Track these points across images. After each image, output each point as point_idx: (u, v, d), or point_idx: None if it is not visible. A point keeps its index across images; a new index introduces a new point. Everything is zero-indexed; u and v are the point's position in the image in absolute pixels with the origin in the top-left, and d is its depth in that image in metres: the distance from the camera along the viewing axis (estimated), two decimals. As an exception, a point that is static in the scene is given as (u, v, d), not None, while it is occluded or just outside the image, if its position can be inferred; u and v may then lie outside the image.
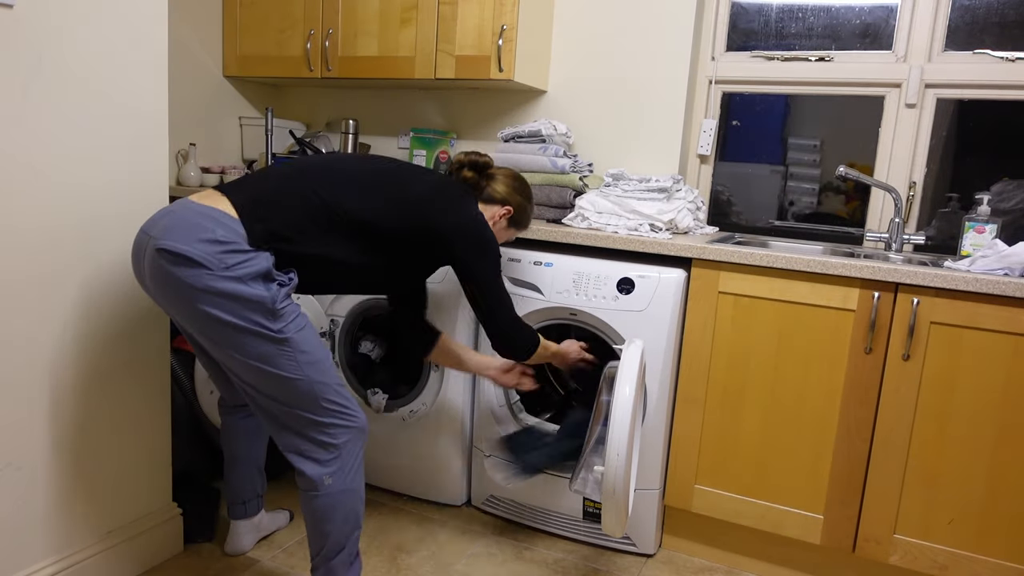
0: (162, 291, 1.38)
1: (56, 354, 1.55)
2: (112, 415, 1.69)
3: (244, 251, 1.35)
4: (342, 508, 1.50)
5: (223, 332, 1.36)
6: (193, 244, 1.32)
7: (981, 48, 2.17)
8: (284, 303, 1.39)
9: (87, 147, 1.56)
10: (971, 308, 1.65)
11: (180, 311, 1.38)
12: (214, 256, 1.32)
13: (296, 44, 2.74)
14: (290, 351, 1.40)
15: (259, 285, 1.35)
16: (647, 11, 2.46)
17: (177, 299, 1.36)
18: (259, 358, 1.38)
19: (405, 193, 1.53)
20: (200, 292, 1.32)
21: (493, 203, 1.71)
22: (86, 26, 1.52)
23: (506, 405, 2.13)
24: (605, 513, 1.57)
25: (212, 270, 1.31)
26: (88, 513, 1.66)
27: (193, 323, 1.38)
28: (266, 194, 1.44)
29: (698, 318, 1.93)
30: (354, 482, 1.51)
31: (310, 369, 1.42)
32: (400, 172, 1.58)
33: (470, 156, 1.72)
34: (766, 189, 2.51)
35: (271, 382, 1.42)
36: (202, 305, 1.33)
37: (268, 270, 1.37)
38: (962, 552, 1.73)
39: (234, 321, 1.34)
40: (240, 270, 1.33)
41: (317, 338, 1.47)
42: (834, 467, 1.83)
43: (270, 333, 1.37)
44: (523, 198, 1.76)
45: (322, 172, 1.50)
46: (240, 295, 1.33)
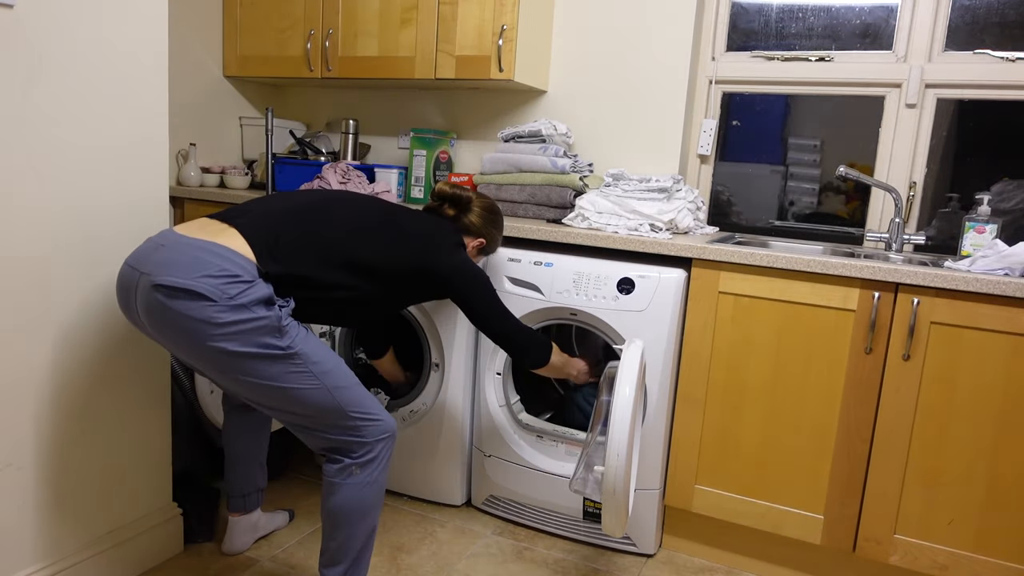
0: (160, 327, 1.36)
1: (56, 354, 1.55)
2: (112, 415, 1.69)
3: (246, 281, 1.36)
4: (365, 502, 1.51)
5: (232, 362, 1.36)
6: (194, 279, 1.32)
7: (981, 48, 2.17)
8: (287, 320, 1.40)
9: (87, 147, 1.56)
10: (971, 308, 1.65)
11: (182, 346, 1.37)
12: (217, 288, 1.32)
13: (296, 44, 2.74)
14: (302, 364, 1.41)
15: (261, 308, 1.36)
16: (647, 11, 2.46)
17: (178, 335, 1.35)
18: (272, 378, 1.39)
19: (405, 238, 1.61)
20: (205, 325, 1.32)
21: (468, 234, 1.80)
22: (86, 26, 1.52)
23: (506, 405, 2.13)
24: (605, 513, 1.57)
25: (216, 302, 1.31)
26: (88, 513, 1.67)
27: (198, 358, 1.37)
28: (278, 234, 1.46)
29: (698, 318, 1.93)
30: (380, 479, 1.53)
31: (326, 379, 1.43)
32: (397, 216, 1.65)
33: (454, 191, 1.79)
34: (766, 189, 2.51)
35: (288, 399, 1.42)
36: (208, 340, 1.33)
37: (269, 296, 1.38)
38: (962, 552, 1.73)
39: (243, 350, 1.35)
40: (243, 298, 1.34)
41: (326, 348, 1.47)
42: (834, 467, 1.83)
43: (279, 351, 1.38)
44: (495, 230, 1.86)
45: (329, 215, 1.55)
46: (247, 321, 1.34)
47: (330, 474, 1.51)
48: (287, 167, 2.78)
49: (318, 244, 1.49)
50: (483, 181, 2.49)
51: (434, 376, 2.16)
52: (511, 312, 1.71)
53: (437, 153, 2.72)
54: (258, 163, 2.97)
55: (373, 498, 1.53)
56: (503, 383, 2.12)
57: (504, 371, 2.11)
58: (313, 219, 1.53)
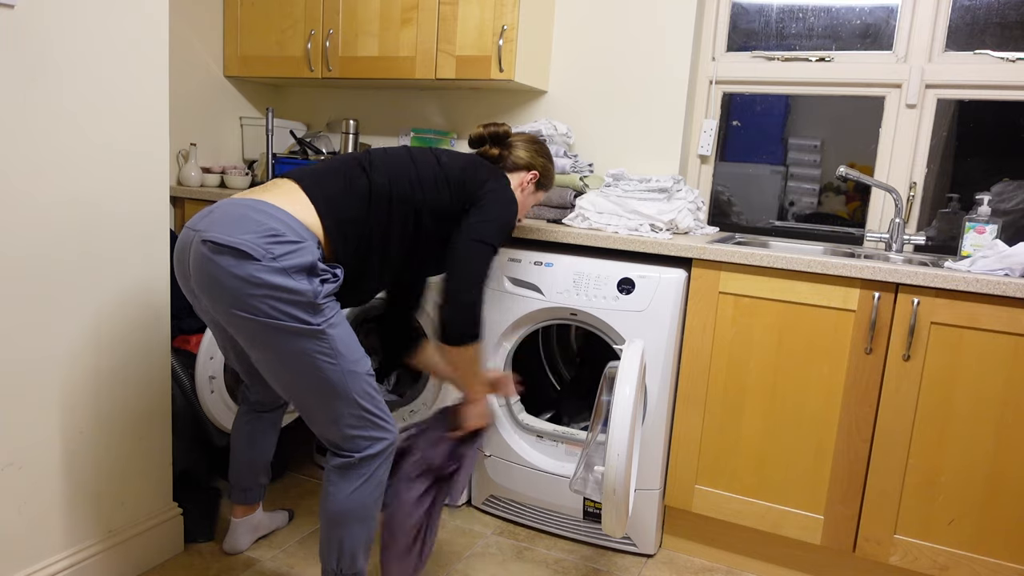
0: (206, 284, 1.36)
1: (56, 354, 1.55)
2: (112, 415, 1.69)
3: (291, 241, 1.35)
4: (362, 507, 1.50)
5: (261, 328, 1.35)
6: (239, 235, 1.32)
7: (981, 48, 2.17)
8: (325, 299, 1.39)
9: (88, 147, 1.56)
10: (971, 308, 1.65)
11: (221, 305, 1.36)
12: (261, 246, 1.32)
13: (297, 44, 2.74)
14: (327, 345, 1.39)
15: (303, 278, 1.35)
16: (647, 11, 2.46)
17: (221, 291, 1.34)
18: (295, 354, 1.38)
19: (447, 174, 1.60)
20: (245, 284, 1.32)
21: (518, 170, 1.77)
22: (87, 26, 1.52)
23: (506, 405, 2.13)
24: (605, 513, 1.57)
25: (259, 260, 1.31)
26: (88, 513, 1.67)
27: (232, 318, 1.37)
28: (337, 190, 1.48)
29: (698, 318, 1.93)
30: (371, 496, 1.50)
31: (347, 368, 1.42)
32: (441, 157, 1.65)
33: (488, 129, 1.77)
34: (766, 189, 2.51)
35: (306, 380, 1.41)
36: (247, 299, 1.32)
37: (313, 264, 1.36)
38: (962, 552, 1.73)
39: (274, 318, 1.34)
40: (286, 261, 1.33)
41: (355, 341, 1.45)
42: (834, 467, 1.83)
43: (309, 327, 1.36)
44: (545, 159, 1.83)
45: (381, 165, 1.56)
46: (284, 287, 1.33)
47: (329, 475, 1.50)
48: (287, 167, 2.78)
49: (363, 187, 1.51)
50: (483, 181, 2.48)
51: (434, 376, 2.16)
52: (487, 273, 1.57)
53: (437, 153, 2.72)
54: (258, 163, 2.97)
55: (368, 510, 1.51)
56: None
57: (504, 371, 2.11)
58: (362, 168, 1.54)
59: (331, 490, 1.49)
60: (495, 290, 2.08)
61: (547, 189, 1.89)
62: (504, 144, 1.78)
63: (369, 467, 1.48)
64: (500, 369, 2.10)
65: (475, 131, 1.79)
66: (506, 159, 1.77)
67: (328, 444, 1.50)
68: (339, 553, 1.52)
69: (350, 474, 1.48)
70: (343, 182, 1.50)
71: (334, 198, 1.47)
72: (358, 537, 1.52)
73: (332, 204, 1.46)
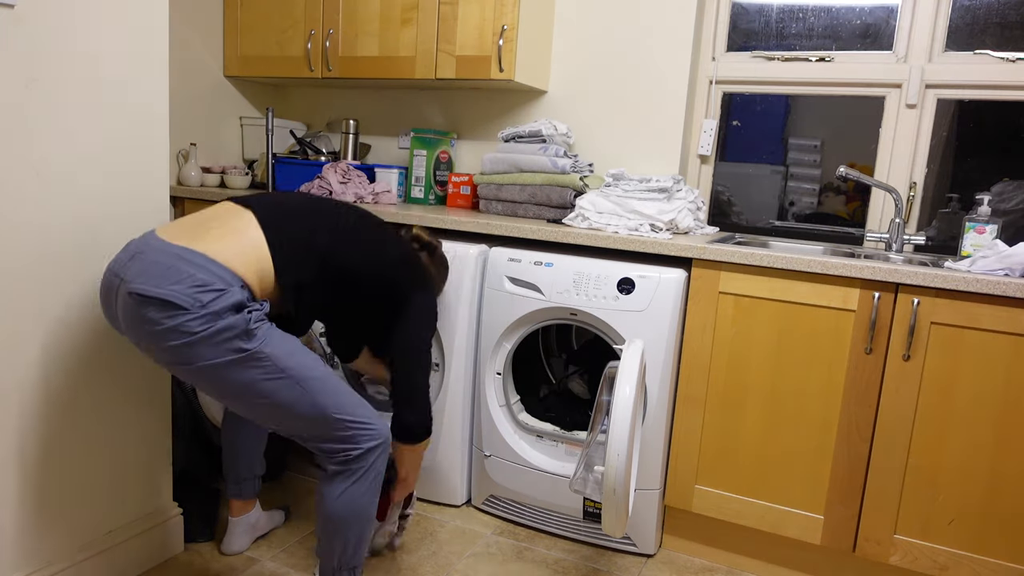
0: (137, 334, 1.36)
1: (57, 354, 1.55)
2: (112, 415, 1.69)
3: (217, 289, 1.33)
4: (357, 511, 1.50)
5: (207, 371, 1.34)
6: (167, 287, 1.30)
7: (982, 48, 2.17)
8: (257, 324, 1.37)
9: (88, 147, 1.56)
10: (971, 308, 1.65)
11: (159, 354, 1.36)
12: (189, 297, 1.30)
13: (297, 44, 2.74)
14: (271, 367, 1.37)
15: (231, 315, 1.33)
16: (647, 11, 2.46)
17: (153, 342, 1.34)
18: (247, 386, 1.37)
19: (383, 253, 1.64)
20: (177, 334, 1.31)
21: None
22: (87, 26, 1.52)
23: (506, 405, 2.13)
24: (605, 513, 1.57)
25: (188, 310, 1.30)
26: (88, 513, 1.67)
27: (175, 366, 1.36)
28: (288, 238, 1.49)
29: (698, 318, 1.93)
30: (373, 487, 1.51)
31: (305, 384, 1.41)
32: (382, 232, 1.68)
33: (429, 240, 1.90)
34: (766, 189, 2.51)
35: (267, 407, 1.40)
36: (182, 349, 1.32)
37: (240, 302, 1.35)
38: (962, 552, 1.73)
39: (216, 359, 1.33)
40: (215, 305, 1.31)
41: (304, 353, 1.44)
42: (834, 467, 1.83)
43: (246, 354, 1.34)
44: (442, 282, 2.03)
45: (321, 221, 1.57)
46: (216, 327, 1.31)
47: (323, 480, 1.51)
48: (287, 167, 2.78)
49: (308, 245, 1.52)
50: (483, 181, 2.49)
51: (434, 377, 2.16)
52: (428, 376, 1.71)
53: (437, 153, 2.72)
54: (258, 163, 2.97)
55: (366, 507, 1.51)
56: (503, 383, 2.12)
57: (504, 371, 2.11)
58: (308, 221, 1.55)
59: (327, 490, 1.49)
60: (495, 290, 2.08)
61: None
62: (432, 253, 1.92)
63: (364, 462, 1.49)
64: (500, 369, 2.11)
65: (416, 231, 1.89)
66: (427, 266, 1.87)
67: (321, 453, 1.50)
68: (339, 551, 1.52)
69: (346, 472, 1.49)
70: (308, 240, 1.51)
71: (292, 258, 1.47)
72: (356, 534, 1.52)
73: (288, 263, 1.46)
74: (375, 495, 1.53)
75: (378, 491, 1.54)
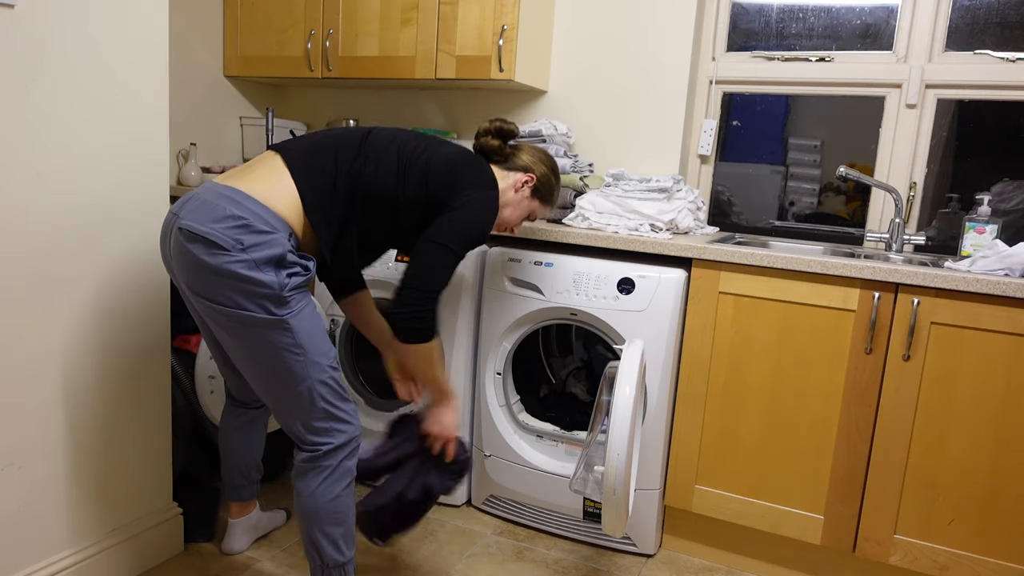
0: (182, 269, 1.40)
1: (56, 354, 1.55)
2: (112, 415, 1.69)
3: (261, 231, 1.36)
4: (328, 514, 1.49)
5: (229, 317, 1.38)
6: (210, 224, 1.34)
7: (982, 48, 2.17)
8: (292, 292, 1.39)
9: (88, 147, 1.56)
10: (971, 308, 1.65)
11: (193, 291, 1.40)
12: (231, 236, 1.34)
13: (297, 44, 2.74)
14: (291, 339, 1.39)
15: (270, 270, 1.36)
16: (648, 11, 2.46)
17: (192, 280, 1.38)
18: (262, 346, 1.39)
19: (432, 171, 1.55)
20: (212, 273, 1.34)
21: (515, 170, 1.71)
22: (87, 26, 1.52)
23: (506, 405, 2.13)
24: (605, 513, 1.57)
25: (228, 251, 1.33)
26: (88, 513, 1.67)
27: (203, 306, 1.40)
28: (324, 181, 1.47)
29: (698, 318, 1.93)
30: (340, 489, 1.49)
31: (311, 360, 1.42)
32: (432, 151, 1.59)
33: (495, 123, 1.71)
34: (766, 189, 2.51)
35: (270, 371, 1.42)
36: (214, 287, 1.36)
37: (282, 255, 1.37)
38: (962, 552, 1.73)
39: (241, 307, 1.36)
40: (255, 252, 1.34)
41: (321, 334, 1.46)
42: (834, 467, 1.83)
43: (273, 318, 1.37)
44: (547, 168, 1.75)
45: (374, 155, 1.53)
46: (250, 279, 1.34)
47: (295, 476, 1.51)
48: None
49: (351, 182, 1.49)
50: (483, 181, 2.48)
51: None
52: (443, 276, 1.52)
53: (437, 153, 2.72)
54: (258, 163, 2.96)
55: (339, 504, 1.50)
56: (503, 383, 2.12)
57: (504, 371, 2.11)
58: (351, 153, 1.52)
59: (300, 487, 1.50)
60: (495, 290, 2.08)
61: (545, 202, 1.78)
62: (508, 140, 1.72)
63: (333, 459, 1.49)
64: (500, 369, 2.10)
65: (483, 124, 1.73)
66: (506, 155, 1.71)
67: (293, 437, 1.50)
68: (319, 548, 1.51)
69: (316, 468, 1.48)
70: (332, 170, 1.48)
71: (321, 190, 1.46)
72: (335, 529, 1.51)
73: (319, 197, 1.46)
74: (350, 493, 1.52)
75: (352, 489, 1.53)
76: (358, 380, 2.31)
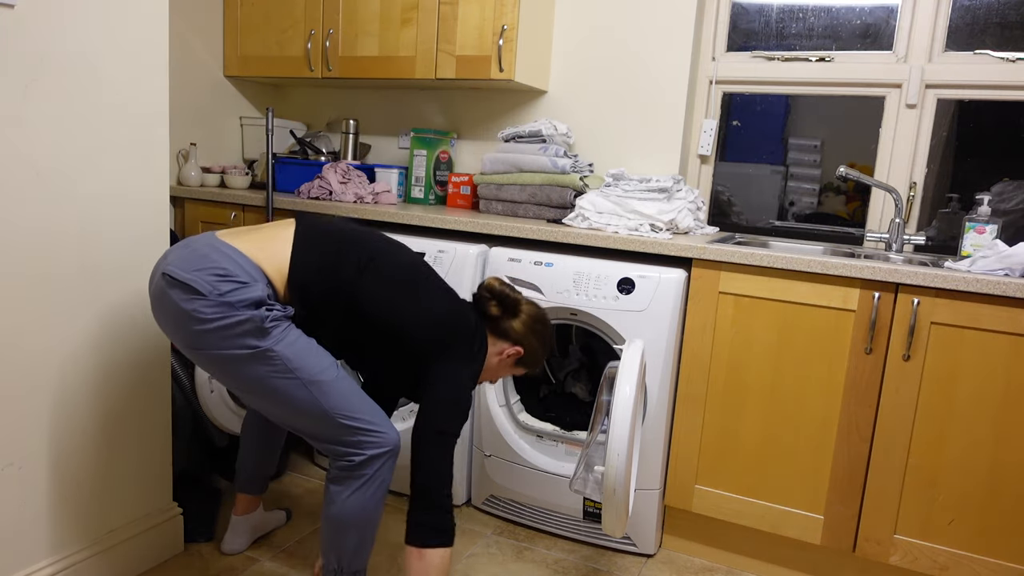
0: (161, 315, 1.42)
1: (56, 354, 1.55)
2: (112, 415, 1.69)
3: (239, 281, 1.37)
4: (359, 517, 1.49)
5: (218, 359, 1.39)
6: (191, 272, 1.36)
7: (982, 48, 2.17)
8: (273, 323, 1.39)
9: (88, 147, 1.56)
10: (971, 308, 1.65)
11: (176, 337, 1.41)
12: (209, 284, 1.35)
13: (297, 44, 2.74)
14: (279, 366, 1.39)
15: (248, 310, 1.36)
16: (647, 11, 2.46)
17: (172, 324, 1.40)
18: (254, 380, 1.40)
19: (428, 311, 1.52)
20: (191, 319, 1.36)
21: (506, 339, 1.64)
22: (87, 26, 1.52)
23: (506, 405, 2.13)
24: (605, 513, 1.57)
25: (206, 296, 1.34)
26: (88, 513, 1.67)
27: (190, 354, 1.42)
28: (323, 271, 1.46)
29: (698, 318, 1.93)
30: (376, 495, 1.50)
31: (313, 387, 1.42)
32: (429, 283, 1.57)
33: (504, 289, 1.63)
34: (766, 189, 2.51)
35: (274, 402, 1.43)
36: (195, 334, 1.37)
37: (260, 299, 1.38)
38: (962, 552, 1.73)
39: (226, 350, 1.37)
40: (232, 296, 1.35)
41: (314, 352, 1.44)
42: (834, 467, 1.83)
43: (257, 350, 1.38)
44: (538, 342, 1.66)
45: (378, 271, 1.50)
46: (229, 320, 1.35)
47: (329, 480, 1.51)
48: (287, 167, 2.78)
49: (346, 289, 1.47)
50: (483, 181, 2.49)
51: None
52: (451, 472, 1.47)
53: (437, 153, 2.72)
54: (258, 163, 2.97)
55: (371, 513, 1.50)
56: (503, 383, 2.12)
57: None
58: (355, 258, 1.50)
59: (332, 492, 1.50)
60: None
61: (528, 369, 1.71)
62: (510, 311, 1.63)
63: (370, 468, 1.48)
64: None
65: (490, 282, 1.63)
66: (499, 324, 1.63)
67: (328, 454, 1.51)
68: (340, 554, 1.52)
69: (349, 478, 1.48)
70: (333, 261, 1.47)
71: (311, 273, 1.45)
72: (360, 539, 1.52)
73: (307, 276, 1.45)
74: (380, 502, 1.52)
75: (384, 498, 1.53)
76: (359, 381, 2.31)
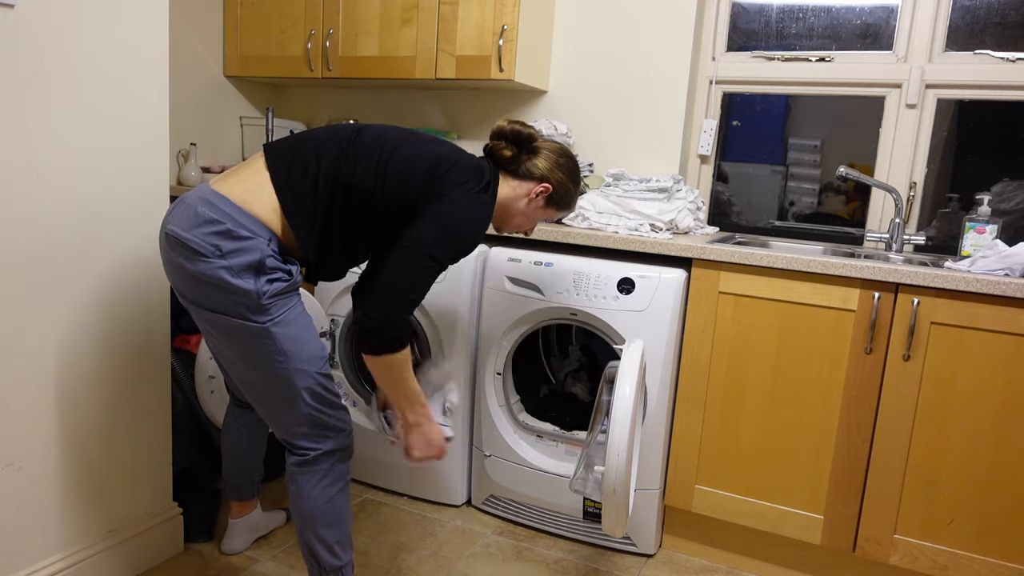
0: (171, 274, 1.43)
1: (56, 354, 1.55)
2: (112, 415, 1.69)
3: (240, 236, 1.35)
4: (313, 511, 1.48)
5: (213, 321, 1.40)
6: (190, 230, 1.35)
7: (982, 48, 2.17)
8: (272, 299, 1.37)
9: (88, 147, 1.56)
10: (971, 308, 1.65)
11: (182, 294, 1.43)
12: (209, 243, 1.34)
13: (297, 44, 2.74)
14: (273, 346, 1.39)
15: (249, 277, 1.35)
16: (647, 11, 2.46)
17: (180, 284, 1.41)
18: (247, 350, 1.41)
19: (409, 166, 1.44)
20: (194, 278, 1.36)
21: (531, 179, 1.55)
22: (87, 26, 1.52)
23: (506, 405, 2.13)
24: (605, 513, 1.57)
25: (208, 257, 1.34)
26: (88, 513, 1.67)
27: (192, 308, 1.43)
28: (305, 186, 1.41)
29: (698, 318, 1.93)
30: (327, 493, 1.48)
31: (295, 367, 1.41)
32: (412, 142, 1.49)
33: (513, 126, 1.55)
34: (767, 189, 2.51)
35: (256, 375, 1.43)
36: (197, 292, 1.38)
37: (260, 262, 1.35)
38: (962, 552, 1.73)
39: (222, 311, 1.37)
40: (232, 259, 1.34)
41: (308, 339, 1.43)
42: (834, 467, 1.83)
43: (254, 325, 1.37)
44: (565, 176, 1.58)
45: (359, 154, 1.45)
46: (228, 285, 1.34)
47: (290, 476, 1.50)
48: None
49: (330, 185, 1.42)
50: (483, 181, 2.48)
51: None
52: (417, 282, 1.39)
53: (437, 153, 2.72)
54: (258, 163, 2.96)
55: (334, 507, 1.49)
56: (503, 383, 2.12)
57: (504, 371, 2.11)
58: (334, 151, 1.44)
59: (294, 491, 1.49)
60: (495, 290, 2.08)
61: (561, 209, 1.63)
62: (526, 147, 1.56)
63: (326, 463, 1.48)
64: (500, 369, 2.10)
65: (499, 123, 1.56)
66: (520, 164, 1.55)
67: (284, 442, 1.50)
68: (316, 553, 1.51)
69: (308, 472, 1.48)
70: (314, 168, 1.41)
71: (300, 193, 1.40)
72: (330, 532, 1.50)
73: (297, 200, 1.40)
74: (343, 496, 1.51)
75: (346, 493, 1.52)
76: (359, 381, 2.31)
